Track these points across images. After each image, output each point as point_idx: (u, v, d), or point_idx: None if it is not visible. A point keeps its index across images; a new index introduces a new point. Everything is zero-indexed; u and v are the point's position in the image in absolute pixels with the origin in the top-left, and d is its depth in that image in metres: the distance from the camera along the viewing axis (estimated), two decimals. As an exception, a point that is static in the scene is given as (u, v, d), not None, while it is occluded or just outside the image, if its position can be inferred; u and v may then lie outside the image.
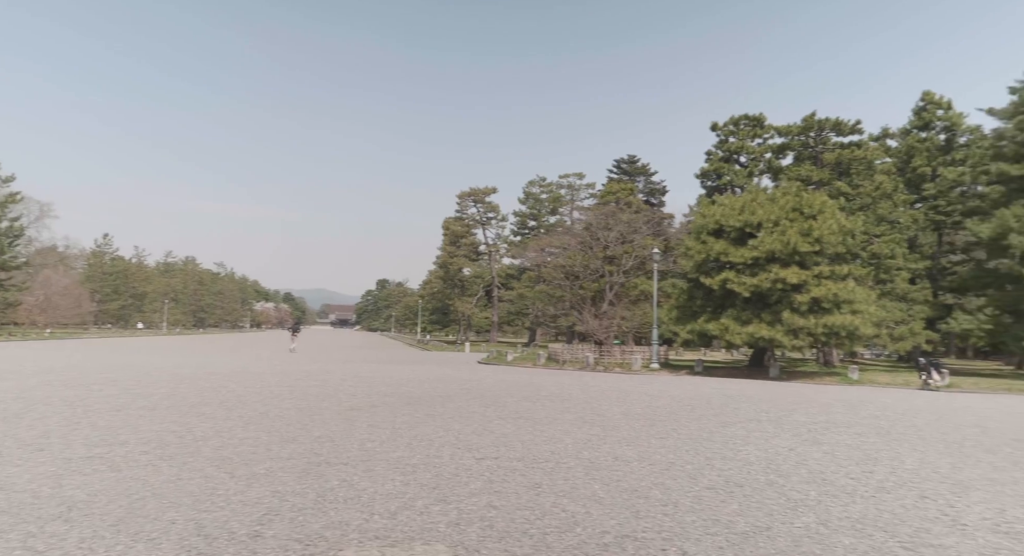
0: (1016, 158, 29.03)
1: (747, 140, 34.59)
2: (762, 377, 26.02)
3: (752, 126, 34.81)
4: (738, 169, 34.62)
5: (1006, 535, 4.93)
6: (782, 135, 33.47)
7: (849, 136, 32.15)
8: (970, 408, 14.98)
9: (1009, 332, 27.36)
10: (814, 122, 31.84)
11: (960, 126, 34.37)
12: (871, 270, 30.48)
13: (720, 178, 34.72)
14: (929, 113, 34.41)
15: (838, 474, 6.96)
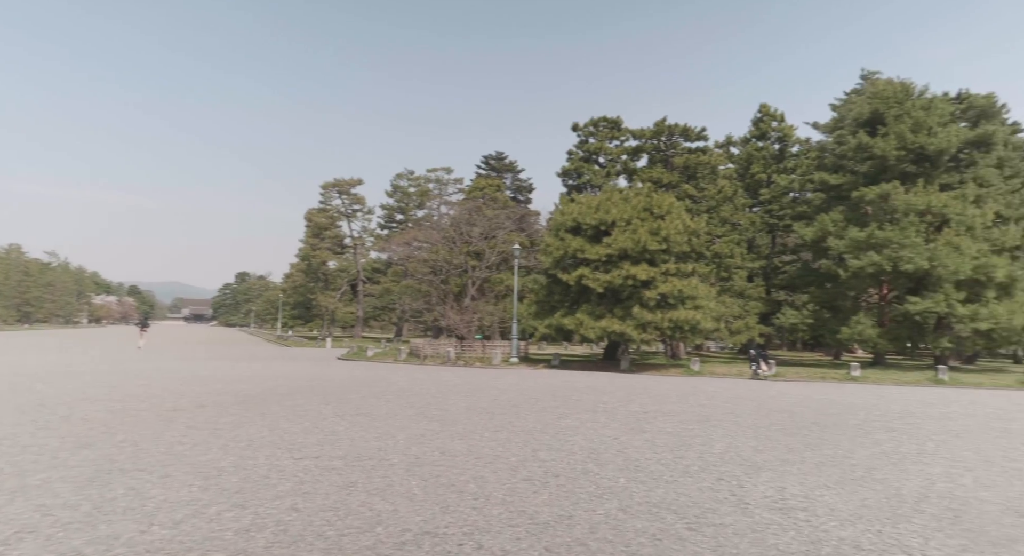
0: (835, 169, 32.30)
1: (605, 141, 36.02)
2: (614, 370, 27.16)
3: (610, 128, 36.27)
4: (597, 169, 35.95)
5: (779, 511, 5.30)
6: (637, 138, 35.20)
7: (696, 142, 34.44)
8: (786, 395, 16.40)
9: (827, 326, 30.43)
10: (665, 127, 33.78)
11: (791, 137, 37.84)
12: (713, 268, 32.74)
13: (580, 177, 35.88)
14: (765, 124, 37.59)
15: (651, 461, 7.26)
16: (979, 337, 28.03)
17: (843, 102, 34.50)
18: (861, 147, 30.22)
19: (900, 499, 5.81)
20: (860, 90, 34.63)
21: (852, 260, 28.64)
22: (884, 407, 13.75)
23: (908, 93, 30.30)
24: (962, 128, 30.56)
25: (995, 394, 19.46)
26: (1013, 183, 31.39)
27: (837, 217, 30.48)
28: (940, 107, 29.96)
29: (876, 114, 30.47)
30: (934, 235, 28.51)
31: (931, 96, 30.54)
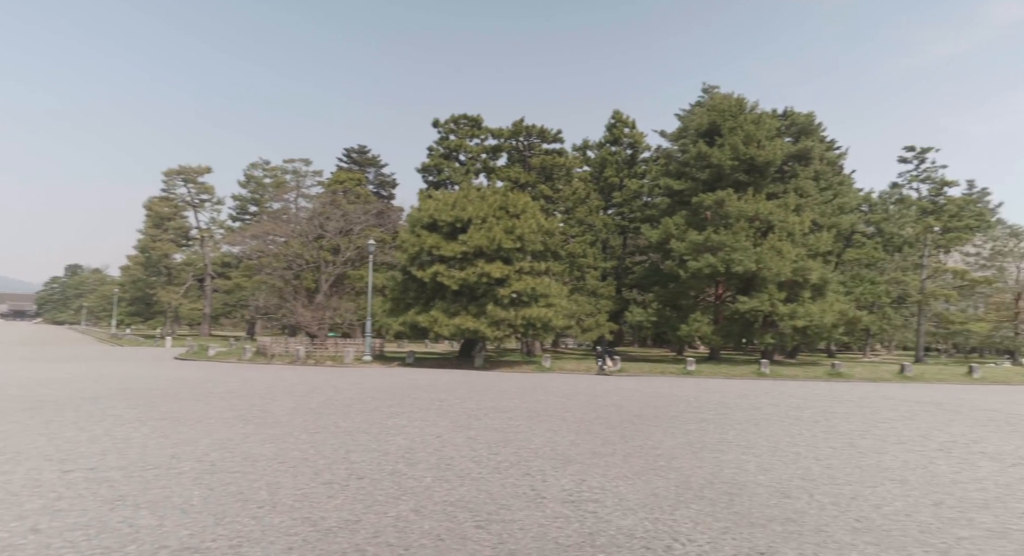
0: (678, 175, 34.44)
1: (466, 139, 36.09)
2: (468, 367, 27.25)
3: (471, 126, 36.40)
4: (457, 166, 35.94)
5: (571, 504, 5.39)
6: (496, 137, 35.59)
7: (552, 144, 35.40)
8: (620, 389, 17.16)
9: (669, 323, 32.37)
10: (523, 128, 34.44)
11: (642, 143, 39.92)
12: (567, 267, 33.78)
13: (440, 174, 35.70)
14: (618, 130, 39.39)
15: (466, 458, 7.19)
16: (797, 333, 31.00)
17: (687, 113, 36.86)
18: (701, 156, 32.41)
19: (687, 486, 6.12)
20: (702, 102, 37.14)
21: (691, 262, 30.61)
22: (704, 399, 14.72)
23: (742, 108, 32.90)
24: (786, 143, 33.67)
25: (803, 385, 21.55)
26: (827, 194, 35.00)
27: (679, 221, 32.49)
28: (768, 122, 32.79)
29: (714, 125, 32.81)
30: (761, 240, 31.12)
31: (760, 112, 33.36)
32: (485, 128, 35.96)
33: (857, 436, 9.45)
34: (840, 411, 12.75)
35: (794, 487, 6.20)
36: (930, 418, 11.96)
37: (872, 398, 16.07)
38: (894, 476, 6.81)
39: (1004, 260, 41.21)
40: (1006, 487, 6.43)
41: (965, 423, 11.36)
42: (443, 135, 36.56)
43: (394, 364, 27.87)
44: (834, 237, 34.04)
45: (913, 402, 15.18)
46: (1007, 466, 7.50)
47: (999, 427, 10.96)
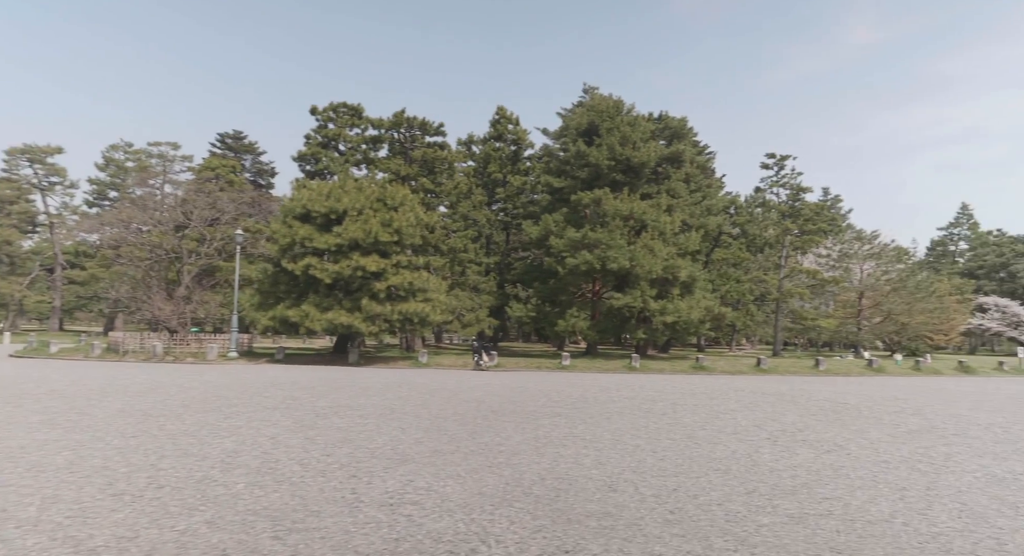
0: (559, 173, 35.06)
1: (346, 129, 34.90)
2: (342, 363, 26.37)
3: (351, 115, 35.25)
4: (336, 156, 34.70)
5: (389, 507, 5.11)
6: (376, 127, 34.70)
7: (434, 137, 34.95)
8: (489, 385, 17.10)
9: (548, 319, 32.89)
10: (404, 119, 33.78)
11: (525, 140, 40.32)
12: (448, 262, 33.51)
13: (318, 163, 34.32)
14: (502, 126, 39.56)
15: (292, 461, 6.73)
16: (667, 328, 32.40)
17: (568, 112, 37.53)
18: (580, 155, 33.13)
19: (518, 483, 6.01)
20: (583, 103, 37.96)
21: (569, 258, 31.23)
22: (567, 393, 14.92)
23: (619, 109, 33.93)
24: (660, 145, 35.08)
25: (667, 378, 22.48)
26: (696, 196, 36.82)
27: (559, 218, 33.06)
28: (643, 125, 34.03)
29: (592, 126, 33.64)
30: (634, 238, 32.25)
31: (637, 114, 34.55)
32: (366, 118, 34.94)
33: (698, 428, 9.81)
34: (690, 403, 13.29)
35: (623, 480, 6.24)
36: (768, 408, 12.69)
37: (724, 390, 16.95)
38: (719, 466, 7.04)
39: (850, 261, 45.15)
40: (815, 474, 6.80)
41: (797, 412, 12.14)
42: (322, 123, 35.18)
43: (262, 361, 26.50)
44: (702, 237, 35.88)
45: (759, 393, 16.14)
46: (821, 452, 7.99)
47: (825, 416, 11.79)
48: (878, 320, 44.90)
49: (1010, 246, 71.73)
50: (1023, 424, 11.25)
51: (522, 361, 28.78)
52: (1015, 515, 5.40)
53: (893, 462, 7.51)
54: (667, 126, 37.50)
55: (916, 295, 43.74)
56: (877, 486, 6.28)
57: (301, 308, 25.53)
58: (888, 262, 45.16)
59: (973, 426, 10.74)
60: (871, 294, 44.55)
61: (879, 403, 14.29)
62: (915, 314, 43.59)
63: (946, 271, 71.87)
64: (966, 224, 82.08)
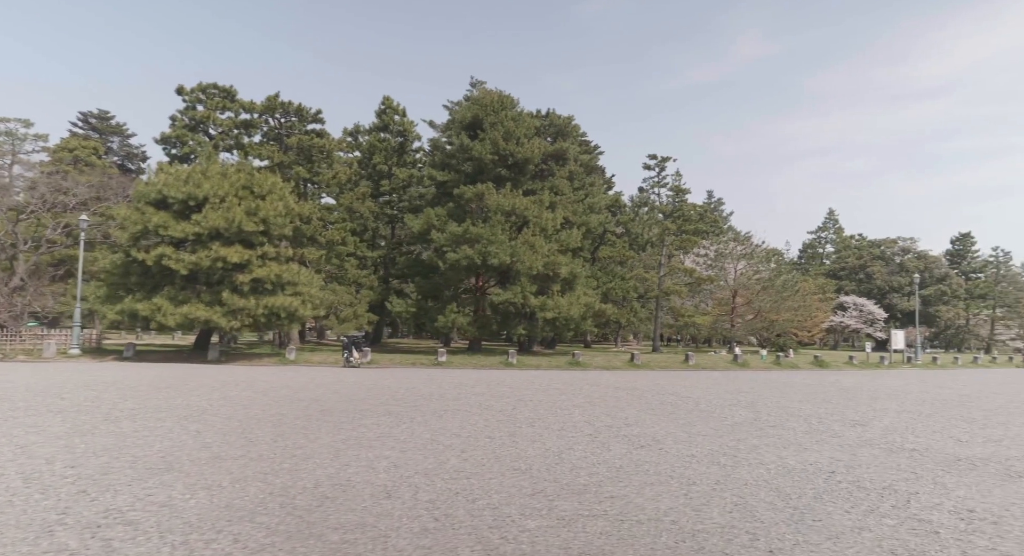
0: (443, 166, 34.48)
1: (216, 111, 32.74)
2: (201, 360, 24.66)
3: (223, 97, 33.11)
4: (205, 140, 32.49)
5: (93, 529, 4.37)
6: (248, 111, 32.77)
7: (312, 124, 33.46)
8: (342, 381, 16.34)
9: (428, 314, 32.26)
10: (278, 104, 32.11)
11: (412, 132, 39.39)
12: (324, 255, 32.17)
13: (184, 146, 32.00)
14: (388, 117, 38.44)
15: (18, 475, 5.80)
16: (547, 324, 32.59)
17: (456, 106, 37.01)
18: (463, 149, 32.70)
19: (283, 493, 5.41)
20: (469, 96, 37.56)
21: (450, 253, 30.73)
22: (421, 390, 14.42)
23: (504, 104, 33.76)
24: (544, 142, 35.24)
25: (539, 374, 22.46)
26: (579, 194, 37.30)
27: (441, 212, 32.49)
28: (528, 121, 34.04)
29: (477, 120, 33.29)
30: (516, 234, 32.20)
31: (521, 110, 34.51)
32: (239, 101, 32.91)
33: (527, 424, 9.56)
34: (537, 399, 13.12)
35: (408, 485, 5.78)
36: (612, 404, 12.71)
37: (582, 385, 17.01)
38: (522, 465, 6.73)
39: (725, 261, 47.41)
40: (616, 470, 6.61)
41: (639, 407, 12.21)
42: (189, 104, 32.84)
43: (109, 358, 24.34)
44: (584, 235, 36.39)
45: (612, 388, 16.29)
46: (635, 448, 7.89)
47: (663, 410, 11.92)
48: (750, 317, 47.45)
49: (868, 250, 77.96)
50: (840, 415, 11.79)
51: (400, 358, 28.06)
52: (784, 507, 5.36)
53: (699, 456, 7.49)
54: (552, 123, 37.78)
55: (783, 293, 46.56)
56: (669, 482, 6.15)
57: (153, 301, 23.64)
58: (759, 262, 47.79)
59: (793, 418, 11.14)
60: (744, 292, 46.98)
61: (720, 396, 14.72)
62: (782, 311, 46.40)
63: (814, 272, 77.22)
64: (832, 229, 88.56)
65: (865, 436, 9.30)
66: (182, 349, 30.19)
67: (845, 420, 10.98)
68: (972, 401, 15.29)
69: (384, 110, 38.55)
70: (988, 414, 12.48)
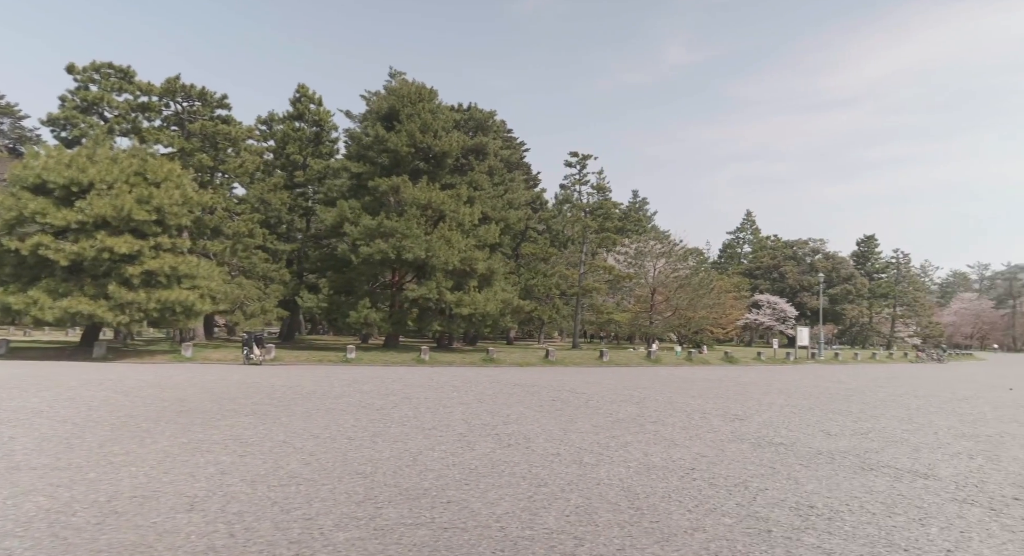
0: (359, 157, 33.42)
1: (112, 93, 30.56)
2: (84, 358, 22.93)
3: (120, 78, 30.92)
4: (98, 123, 30.25)
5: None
6: (146, 93, 30.73)
7: (218, 110, 31.74)
8: (226, 380, 15.38)
9: (340, 310, 31.17)
10: (179, 87, 30.20)
11: (328, 122, 38.04)
12: (229, 247, 30.63)
13: (76, 129, 29.69)
14: (303, 105, 37.00)
15: None
16: (463, 320, 32.11)
17: (373, 95, 35.97)
18: (379, 140, 31.77)
19: (90, 502, 4.73)
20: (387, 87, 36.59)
21: (364, 247, 29.80)
22: (306, 388, 13.71)
23: (422, 96, 33.00)
24: (463, 136, 34.68)
25: (448, 370, 21.94)
26: (499, 189, 36.96)
27: (355, 204, 31.47)
28: (446, 114, 33.43)
29: (393, 111, 32.43)
30: (432, 228, 31.55)
31: (440, 103, 33.85)
32: (137, 83, 30.81)
33: (397, 423, 9.06)
34: (426, 397, 12.63)
35: (221, 495, 5.18)
36: (503, 400, 12.37)
37: (482, 381, 16.63)
38: (369, 468, 6.23)
39: (644, 259, 48.12)
40: (470, 472, 6.21)
41: (527, 404, 11.90)
42: (81, 84, 30.50)
43: (-22, 357, 22.29)
44: (504, 230, 36.08)
45: (511, 385, 15.98)
46: (502, 447, 7.51)
47: (552, 406, 11.63)
48: (668, 314, 48.30)
49: (782, 250, 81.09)
50: (724, 410, 11.83)
51: (309, 355, 26.97)
52: (627, 508, 5.08)
53: (564, 455, 7.18)
54: (473, 118, 37.24)
55: (699, 292, 47.62)
56: (519, 484, 5.79)
57: (28, 294, 21.77)
58: (677, 260, 48.75)
59: (678, 413, 11.06)
60: (663, 290, 47.79)
61: (615, 393, 14.62)
62: (698, 309, 47.45)
63: (732, 271, 79.70)
64: (749, 229, 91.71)
65: (740, 431, 9.26)
66: (66, 346, 28.09)
67: (727, 415, 10.98)
68: (856, 395, 15.76)
69: (299, 98, 37.10)
70: (866, 408, 12.81)
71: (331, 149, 38.62)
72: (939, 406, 13.54)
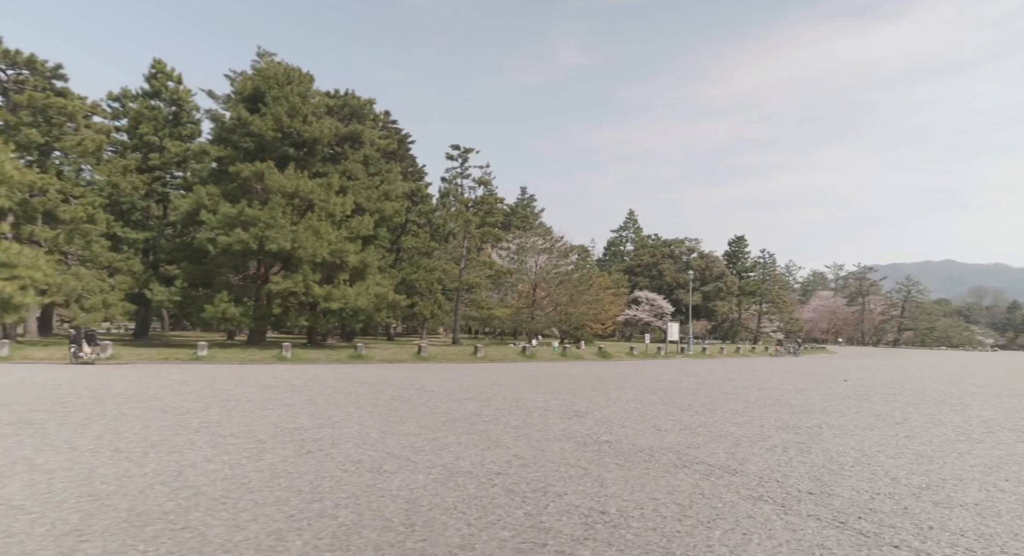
0: (220, 141, 31.13)
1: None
2: None
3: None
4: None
5: None
6: (-39, 58, 27.07)
7: (54, 81, 28.47)
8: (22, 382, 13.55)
9: (196, 304, 28.86)
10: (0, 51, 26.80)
11: (188, 102, 35.22)
12: (64, 233, 27.59)
13: None
14: (159, 82, 34.03)
15: None
16: (333, 315, 30.69)
17: (238, 76, 33.67)
18: (242, 123, 29.71)
19: None
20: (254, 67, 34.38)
21: (222, 236, 27.77)
22: (114, 392, 12.22)
23: (291, 79, 31.18)
24: (337, 123, 33.12)
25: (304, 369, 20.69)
26: (375, 180, 35.66)
27: (214, 191, 29.27)
28: (317, 98, 31.80)
29: (259, 92, 30.44)
30: (300, 218, 29.91)
31: (310, 87, 32.13)
32: (-48, 45, 27.05)
33: (191, 430, 8.02)
34: (252, 398, 11.57)
35: None
36: (336, 401, 11.53)
37: (328, 379, 15.65)
38: (103, 490, 5.25)
39: (526, 255, 48.30)
40: (198, 493, 5.39)
41: (359, 405, 11.13)
42: None
43: None
44: (380, 222, 34.81)
45: (358, 383, 15.11)
46: (294, 455, 6.72)
47: (388, 407, 10.93)
48: (549, 310, 48.77)
49: (660, 248, 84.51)
50: (568, 406, 11.59)
51: (155, 352, 24.65)
52: (400, 525, 4.46)
53: (366, 461, 6.48)
54: (347, 104, 35.65)
55: (579, 288, 48.41)
56: (291, 500, 5.03)
57: None
58: (559, 257, 49.30)
59: (518, 410, 10.67)
60: (544, 286, 48.17)
61: (466, 390, 14.13)
62: (578, 305, 48.20)
63: (615, 268, 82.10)
64: (632, 228, 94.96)
65: (572, 429, 8.95)
66: None
67: (569, 412, 10.71)
68: (704, 388, 16.14)
69: (155, 74, 34.11)
70: (708, 401, 13.02)
71: (193, 131, 35.83)
72: (776, 398, 14.01)
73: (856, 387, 17.99)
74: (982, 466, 7.29)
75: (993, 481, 6.53)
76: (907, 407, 13.03)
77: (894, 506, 5.48)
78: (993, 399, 15.41)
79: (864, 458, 7.55)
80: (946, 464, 7.34)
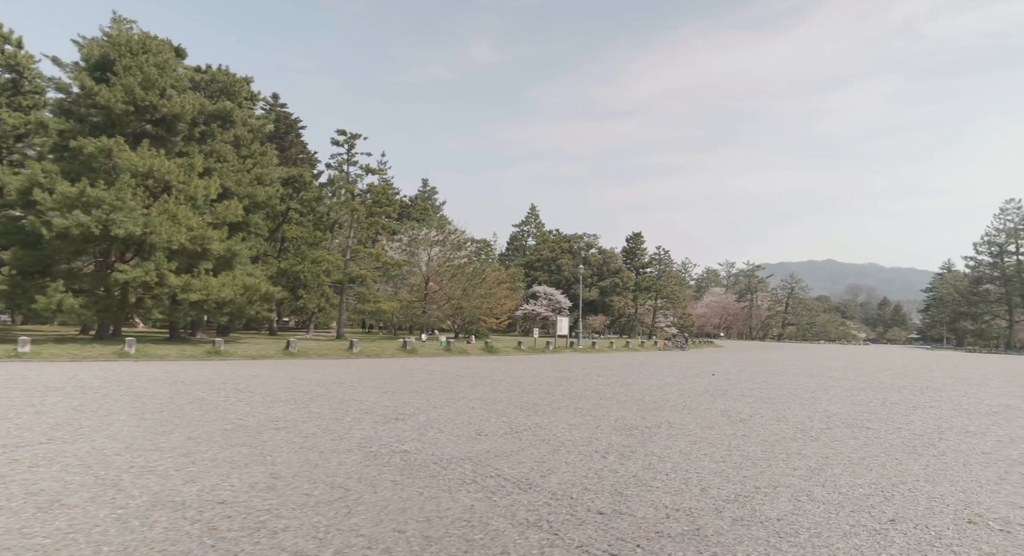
0: (63, 112, 27.84)
1: None
2: None
3: None
4: None
5: None
6: None
7: None
8: None
9: (27, 294, 25.58)
10: None
11: (30, 69, 31.38)
12: None
13: None
14: (-8, 44, 30.11)
15: None
16: (193, 308, 28.13)
17: (87, 42, 30.25)
18: (88, 93, 26.64)
19: None
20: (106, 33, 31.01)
21: (59, 219, 24.73)
22: None
23: (147, 47, 28.26)
24: (202, 99, 30.41)
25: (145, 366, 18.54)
26: (248, 163, 33.14)
27: (51, 168, 26.05)
28: (179, 71, 29.04)
29: (108, 60, 27.40)
30: (154, 201, 27.18)
31: (170, 58, 29.28)
32: None
33: None
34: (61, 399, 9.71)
35: None
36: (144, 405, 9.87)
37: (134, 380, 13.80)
38: None
39: (418, 247, 46.80)
40: None
41: (170, 411, 9.54)
42: None
43: None
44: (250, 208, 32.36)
45: (183, 383, 13.38)
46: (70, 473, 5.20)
47: (194, 410, 9.40)
48: (443, 304, 47.49)
49: (560, 243, 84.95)
50: (400, 408, 10.45)
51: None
52: None
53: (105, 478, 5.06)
54: (214, 79, 32.86)
55: (472, 281, 47.43)
56: None
57: None
58: (452, 249, 48.09)
59: (334, 412, 9.40)
60: (437, 279, 46.85)
61: (301, 388, 12.72)
62: (471, 298, 47.22)
63: (516, 262, 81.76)
64: (534, 223, 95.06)
65: (377, 436, 7.80)
66: None
67: (391, 415, 9.55)
68: (564, 384, 15.44)
69: (-14, 35, 30.12)
70: (558, 399, 12.22)
71: (36, 102, 32.00)
72: (632, 395, 13.44)
73: (720, 381, 17.87)
74: (805, 469, 6.73)
75: (808, 487, 5.91)
76: (759, 402, 12.75)
77: (686, 527, 4.66)
78: (844, 393, 15.56)
79: (686, 463, 6.83)
80: (768, 468, 6.73)
